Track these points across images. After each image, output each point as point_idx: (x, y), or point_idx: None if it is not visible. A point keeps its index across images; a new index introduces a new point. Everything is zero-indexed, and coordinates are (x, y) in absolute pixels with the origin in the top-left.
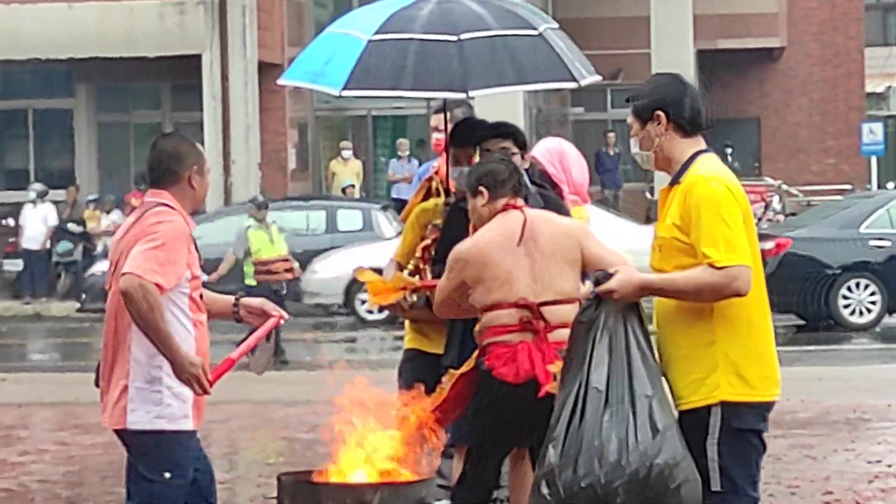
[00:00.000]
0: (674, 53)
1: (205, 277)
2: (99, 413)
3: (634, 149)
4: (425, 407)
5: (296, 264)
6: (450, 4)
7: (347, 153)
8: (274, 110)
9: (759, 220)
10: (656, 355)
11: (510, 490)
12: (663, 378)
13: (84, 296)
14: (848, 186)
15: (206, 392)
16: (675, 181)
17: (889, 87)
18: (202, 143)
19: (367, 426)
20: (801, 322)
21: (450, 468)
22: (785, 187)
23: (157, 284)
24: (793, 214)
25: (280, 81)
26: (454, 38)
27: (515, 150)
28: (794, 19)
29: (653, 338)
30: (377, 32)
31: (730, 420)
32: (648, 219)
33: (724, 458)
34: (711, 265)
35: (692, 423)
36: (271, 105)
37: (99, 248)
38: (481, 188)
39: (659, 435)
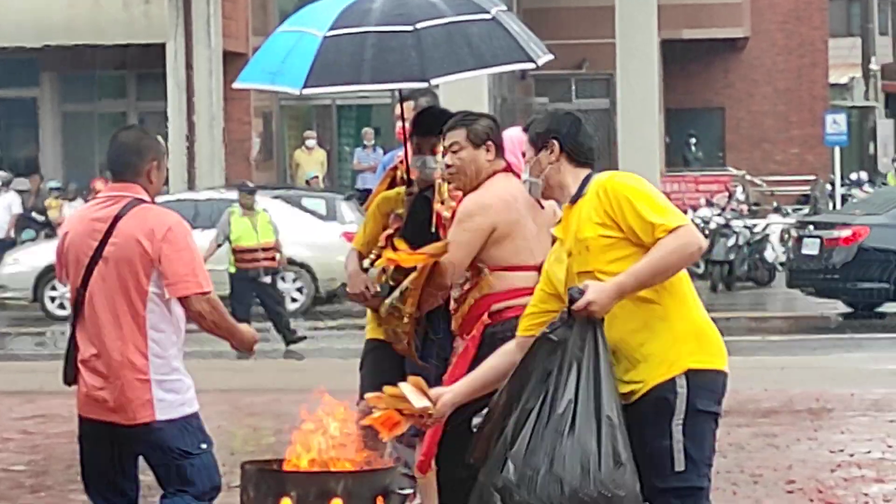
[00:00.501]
0: (638, 43)
1: None
2: (69, 403)
3: (524, 175)
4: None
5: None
6: None
7: (311, 143)
8: (238, 100)
9: (723, 210)
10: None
11: None
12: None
13: None
14: (812, 177)
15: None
16: (577, 197)
17: (853, 78)
18: (167, 132)
19: (331, 415)
20: (847, 310)
21: (413, 458)
22: (749, 177)
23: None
24: (756, 204)
25: (236, 85)
26: (410, 27)
27: None
28: (759, 9)
29: None
30: (332, 28)
31: (694, 401)
32: None
33: (687, 438)
34: (667, 230)
35: (654, 404)
36: (236, 94)
37: None
38: (490, 143)
39: (621, 466)
